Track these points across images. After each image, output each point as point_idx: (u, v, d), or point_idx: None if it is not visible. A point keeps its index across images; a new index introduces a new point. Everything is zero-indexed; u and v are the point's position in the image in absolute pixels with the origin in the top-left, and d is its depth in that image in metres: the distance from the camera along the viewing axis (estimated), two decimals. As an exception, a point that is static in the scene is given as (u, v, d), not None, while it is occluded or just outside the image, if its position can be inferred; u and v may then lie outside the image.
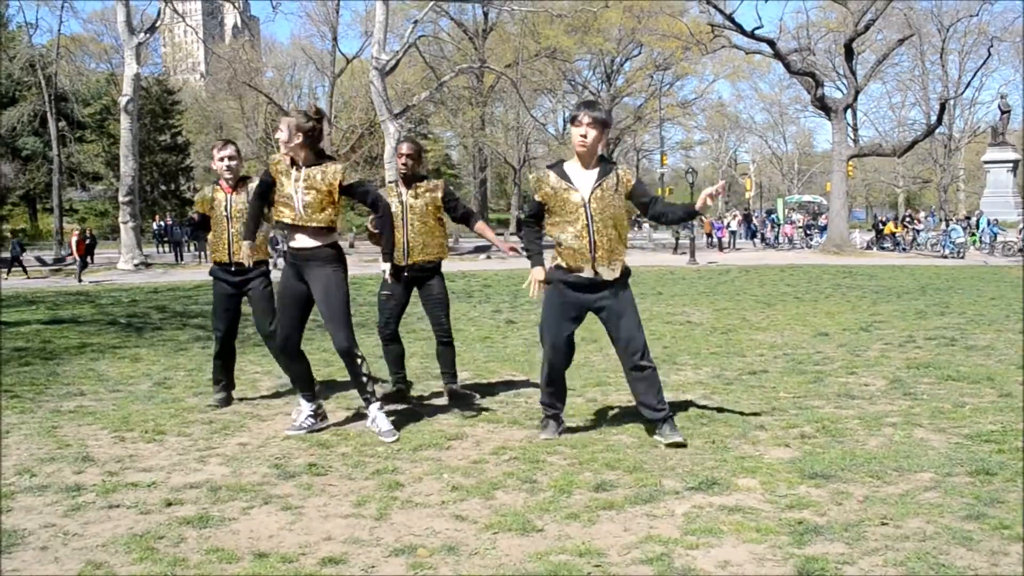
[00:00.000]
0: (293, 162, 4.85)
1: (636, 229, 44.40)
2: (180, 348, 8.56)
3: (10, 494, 3.93)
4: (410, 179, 5.70)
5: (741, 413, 5.26)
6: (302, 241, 4.87)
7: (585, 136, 4.61)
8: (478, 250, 30.42)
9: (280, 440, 4.87)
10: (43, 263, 30.44)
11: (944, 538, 3.23)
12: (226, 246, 5.75)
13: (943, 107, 33.47)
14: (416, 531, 3.43)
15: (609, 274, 4.65)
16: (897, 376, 6.47)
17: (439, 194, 5.71)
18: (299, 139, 4.77)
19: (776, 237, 37.28)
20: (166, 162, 49.22)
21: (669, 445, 4.53)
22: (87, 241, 24.38)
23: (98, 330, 10.20)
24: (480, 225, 5.94)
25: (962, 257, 26.63)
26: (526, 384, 6.47)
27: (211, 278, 5.90)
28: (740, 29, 30.59)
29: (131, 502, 3.80)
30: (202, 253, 32.01)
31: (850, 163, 32.61)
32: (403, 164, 5.69)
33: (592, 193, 4.61)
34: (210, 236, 5.89)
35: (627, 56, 56.13)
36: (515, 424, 5.18)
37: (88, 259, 30.05)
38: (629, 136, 60.85)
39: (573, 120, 4.69)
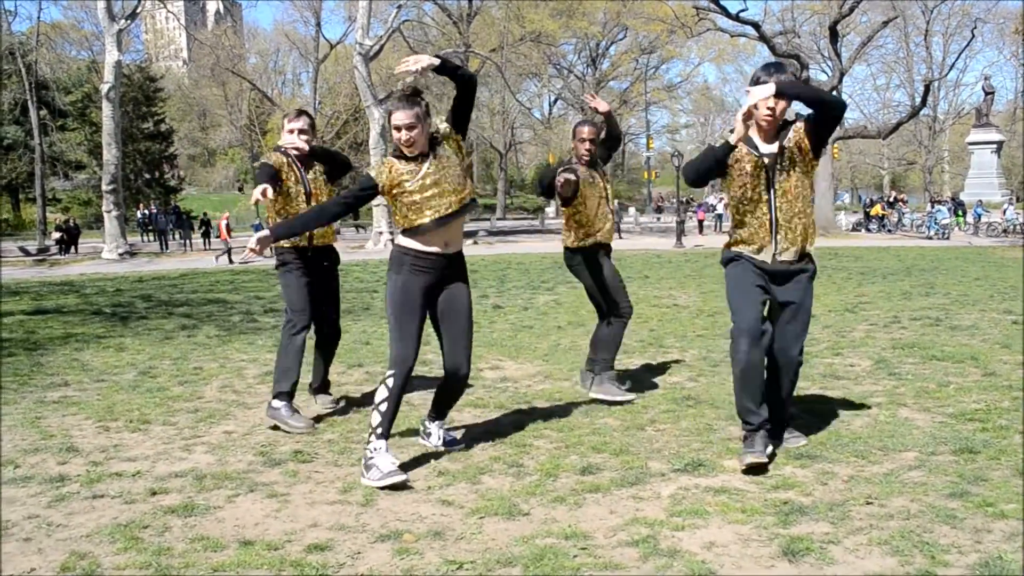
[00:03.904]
0: (403, 157, 4.06)
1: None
2: (166, 337, 8.51)
3: (-7, 485, 3.91)
4: (592, 164, 5.39)
5: (727, 395, 5.27)
6: (450, 241, 4.13)
7: (773, 109, 3.94)
8: (465, 235, 30.37)
9: (266, 428, 4.85)
10: (27, 253, 30.21)
11: (928, 516, 3.25)
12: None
13: (927, 89, 33.56)
14: (402, 516, 3.42)
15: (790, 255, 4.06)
16: (882, 356, 6.50)
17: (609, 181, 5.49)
18: (423, 125, 4.02)
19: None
20: (149, 150, 48.80)
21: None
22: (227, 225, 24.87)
23: (82, 320, 10.12)
24: None
25: (947, 238, 26.77)
26: (511, 367, 6.46)
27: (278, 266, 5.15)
28: (725, 12, 30.54)
29: (115, 492, 3.78)
30: (187, 242, 31.87)
31: (835, 145, 32.69)
32: (587, 151, 5.33)
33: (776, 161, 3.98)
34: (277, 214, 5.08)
35: (612, 40, 56.09)
36: (501, 408, 5.18)
37: (74, 248, 29.96)
38: (615, 120, 60.77)
39: (758, 83, 3.94)
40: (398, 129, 4.01)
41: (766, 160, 3.99)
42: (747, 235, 4.07)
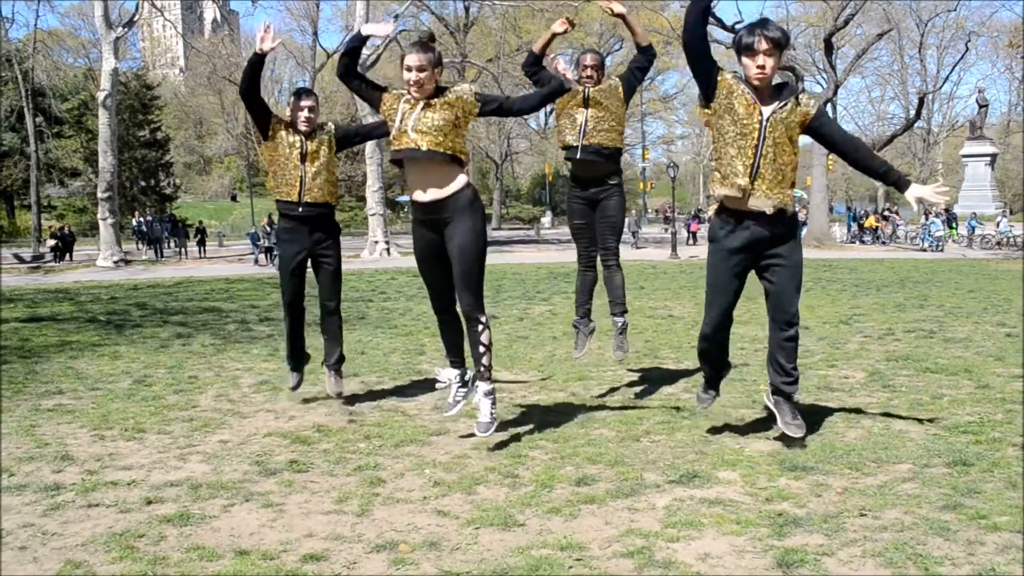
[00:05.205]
0: (406, 99, 4.38)
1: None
2: (161, 345, 8.50)
3: (-12, 494, 3.90)
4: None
5: (721, 407, 5.28)
6: (422, 186, 4.37)
7: (764, 67, 3.90)
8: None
9: (262, 437, 4.85)
10: (21, 260, 30.12)
11: (922, 528, 3.26)
12: (298, 185, 5.26)
13: (921, 101, 33.72)
14: (398, 527, 3.43)
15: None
16: (876, 368, 6.52)
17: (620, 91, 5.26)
18: (432, 72, 4.30)
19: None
20: (145, 158, 48.74)
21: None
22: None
23: (77, 328, 10.10)
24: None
25: (941, 250, 26.86)
26: (507, 378, 6.47)
27: (270, 242, 5.53)
28: (721, 24, 30.66)
29: (111, 501, 3.78)
30: (182, 250, 31.83)
31: (830, 157, 32.79)
32: (588, 77, 5.24)
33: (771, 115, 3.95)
34: (271, 179, 5.41)
35: (608, 51, 56.19)
36: (496, 418, 5.17)
37: (69, 256, 29.90)
38: (611, 131, 60.89)
39: (747, 49, 3.91)
40: (408, 69, 4.29)
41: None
42: None
